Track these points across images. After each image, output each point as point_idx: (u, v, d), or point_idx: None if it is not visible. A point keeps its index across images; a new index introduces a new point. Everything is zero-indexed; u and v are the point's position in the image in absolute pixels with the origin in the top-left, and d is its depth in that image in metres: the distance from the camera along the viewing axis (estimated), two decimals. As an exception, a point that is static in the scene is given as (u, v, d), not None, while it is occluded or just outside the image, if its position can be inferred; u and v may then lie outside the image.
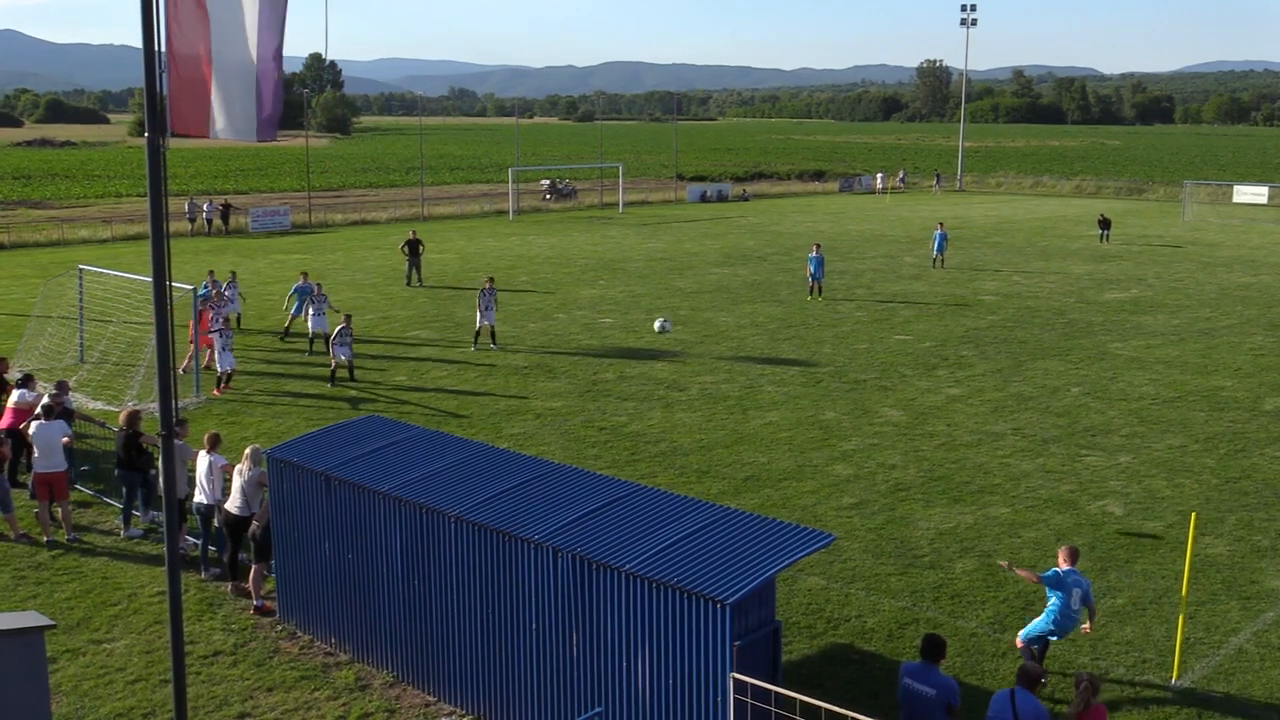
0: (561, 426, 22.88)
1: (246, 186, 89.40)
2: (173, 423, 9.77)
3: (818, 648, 13.67)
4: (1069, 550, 12.83)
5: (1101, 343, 31.20)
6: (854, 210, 74.15)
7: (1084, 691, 9.59)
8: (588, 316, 34.87)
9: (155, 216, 9.13)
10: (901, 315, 35.24)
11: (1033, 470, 20.18)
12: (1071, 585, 12.47)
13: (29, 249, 52.30)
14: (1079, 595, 12.51)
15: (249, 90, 9.29)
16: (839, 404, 24.59)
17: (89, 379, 26.09)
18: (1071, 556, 12.75)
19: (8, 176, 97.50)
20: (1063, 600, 12.45)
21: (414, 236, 42.27)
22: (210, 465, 15.76)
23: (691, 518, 11.32)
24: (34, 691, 9.75)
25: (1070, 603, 12.45)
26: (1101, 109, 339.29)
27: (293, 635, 13.97)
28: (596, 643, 10.91)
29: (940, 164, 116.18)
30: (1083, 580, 12.62)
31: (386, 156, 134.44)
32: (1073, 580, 12.51)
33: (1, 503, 17.01)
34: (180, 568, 10.08)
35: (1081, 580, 12.60)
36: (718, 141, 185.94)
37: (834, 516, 17.86)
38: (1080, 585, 12.55)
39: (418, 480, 12.64)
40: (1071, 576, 12.53)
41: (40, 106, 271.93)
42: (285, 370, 27.82)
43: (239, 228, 60.14)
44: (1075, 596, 12.48)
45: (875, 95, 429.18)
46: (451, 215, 68.95)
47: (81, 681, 12.80)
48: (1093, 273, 45.01)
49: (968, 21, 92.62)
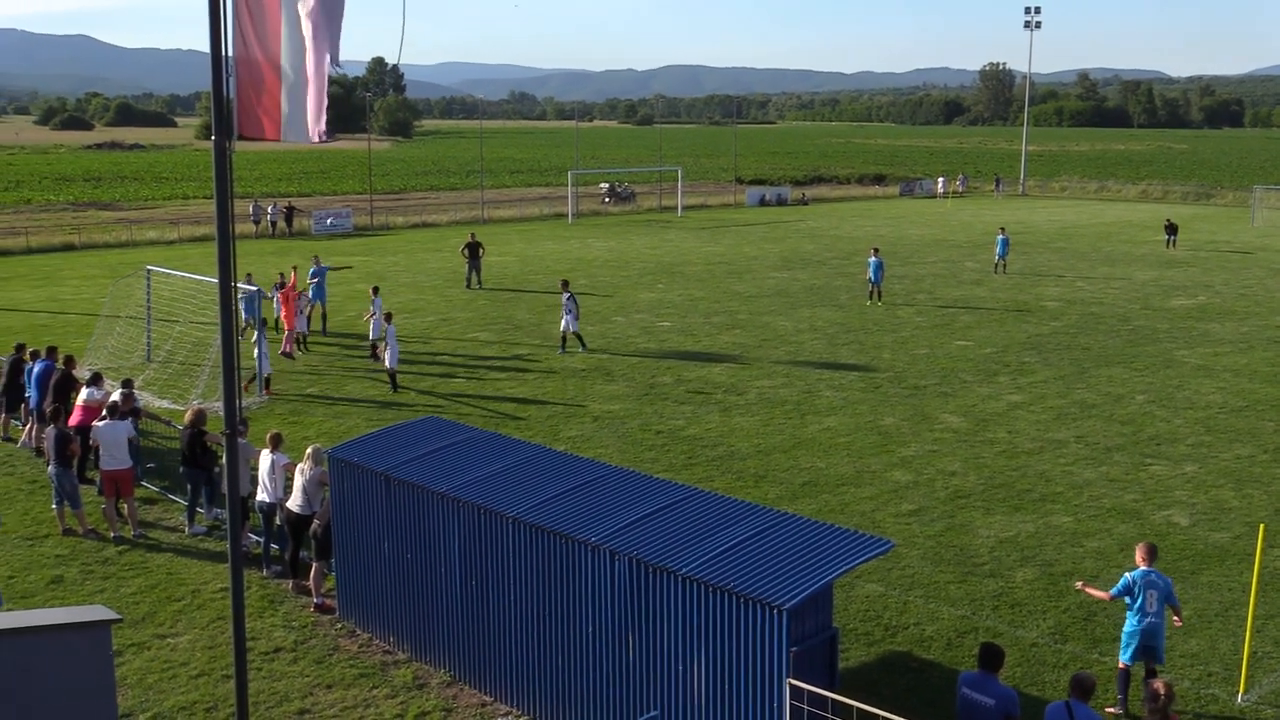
0: (619, 429, 22.91)
1: (310, 189, 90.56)
2: (236, 422, 9.91)
3: (875, 655, 13.57)
4: (1146, 548, 12.37)
5: (1167, 350, 30.69)
6: (914, 215, 73.56)
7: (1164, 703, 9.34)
8: (646, 320, 34.90)
9: (221, 218, 9.27)
10: (962, 321, 34.90)
11: (1096, 479, 19.89)
12: (1146, 588, 11.97)
13: (99, 250, 53.33)
14: (1156, 597, 11.97)
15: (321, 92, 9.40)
16: (898, 410, 24.40)
17: (155, 378, 26.53)
18: (1149, 555, 12.28)
19: (79, 179, 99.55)
20: (1139, 610, 11.98)
21: (473, 239, 42.60)
22: (273, 464, 15.97)
23: (749, 522, 11.29)
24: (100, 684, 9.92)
25: (1146, 607, 11.95)
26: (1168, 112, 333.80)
27: (352, 633, 14.10)
28: (652, 646, 10.91)
29: (1002, 168, 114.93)
30: (1159, 581, 12.09)
31: (447, 160, 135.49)
32: (1147, 582, 11.99)
33: (70, 498, 17.36)
34: (243, 565, 10.22)
35: (1158, 581, 12.07)
36: (777, 145, 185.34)
37: (893, 523, 17.72)
38: (1156, 586, 12.01)
39: (476, 481, 12.72)
40: (1148, 578, 12.03)
41: (110, 110, 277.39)
42: (346, 371, 28.11)
43: (302, 230, 60.90)
44: (1151, 599, 11.96)
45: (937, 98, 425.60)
46: (511, 218, 69.33)
47: (146, 675, 13.02)
48: (1159, 279, 44.30)
49: (1032, 24, 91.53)
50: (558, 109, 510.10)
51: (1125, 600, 12.20)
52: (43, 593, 15.20)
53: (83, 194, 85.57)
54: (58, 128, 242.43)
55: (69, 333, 32.05)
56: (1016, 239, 55.43)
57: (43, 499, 18.65)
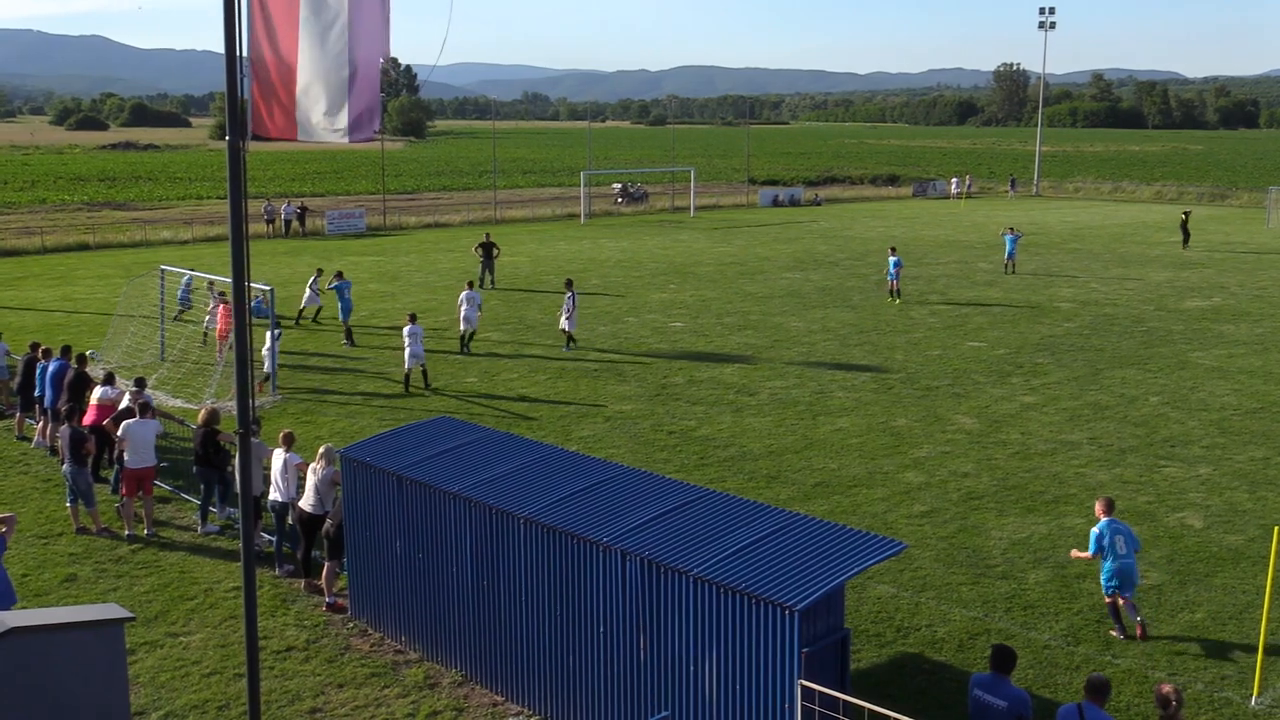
0: (631, 430, 22.91)
1: (323, 189, 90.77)
2: (249, 421, 9.94)
3: (887, 656, 13.54)
4: (1105, 502, 14.29)
5: (1181, 351, 30.57)
6: (927, 215, 73.42)
7: (1175, 708, 9.30)
8: (658, 320, 34.89)
9: (235, 218, 9.30)
10: (975, 321, 34.82)
11: (1109, 480, 19.82)
12: (1113, 535, 13.89)
13: (113, 250, 53.53)
14: (1123, 541, 13.91)
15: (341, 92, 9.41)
16: (911, 411, 24.35)
17: (169, 377, 26.62)
18: (1108, 507, 14.19)
19: (94, 179, 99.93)
20: (1112, 554, 13.84)
21: (488, 239, 42.71)
22: (285, 463, 16.01)
23: (760, 523, 11.28)
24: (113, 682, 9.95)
25: (1118, 551, 13.85)
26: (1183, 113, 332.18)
27: (364, 632, 14.13)
28: (664, 646, 10.91)
29: (1016, 169, 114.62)
30: (1121, 527, 14.03)
31: (460, 160, 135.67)
32: (1113, 530, 13.92)
33: (85, 497, 17.44)
34: (255, 564, 10.25)
35: (1120, 528, 14.03)
36: (790, 145, 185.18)
37: (905, 524, 17.69)
38: (1121, 532, 13.98)
39: (488, 481, 12.73)
40: (1112, 527, 13.97)
41: (125, 110, 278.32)
42: (359, 370, 28.17)
43: (315, 230, 61.04)
44: (1120, 543, 13.89)
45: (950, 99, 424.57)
46: (524, 218, 69.38)
47: (159, 673, 13.07)
48: (1173, 280, 44.13)
49: (1046, 24, 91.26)
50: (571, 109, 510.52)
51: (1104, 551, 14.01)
52: (56, 591, 15.27)
53: (97, 194, 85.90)
54: (73, 128, 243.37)
55: (83, 332, 32.18)
56: (1030, 239, 55.33)
57: (57, 497, 18.73)
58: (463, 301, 30.28)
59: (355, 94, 9.41)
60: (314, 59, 9.36)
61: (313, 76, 9.40)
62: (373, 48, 9.43)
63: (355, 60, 9.35)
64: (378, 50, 9.47)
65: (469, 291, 30.42)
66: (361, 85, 9.41)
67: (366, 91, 9.44)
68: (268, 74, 9.34)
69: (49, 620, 9.82)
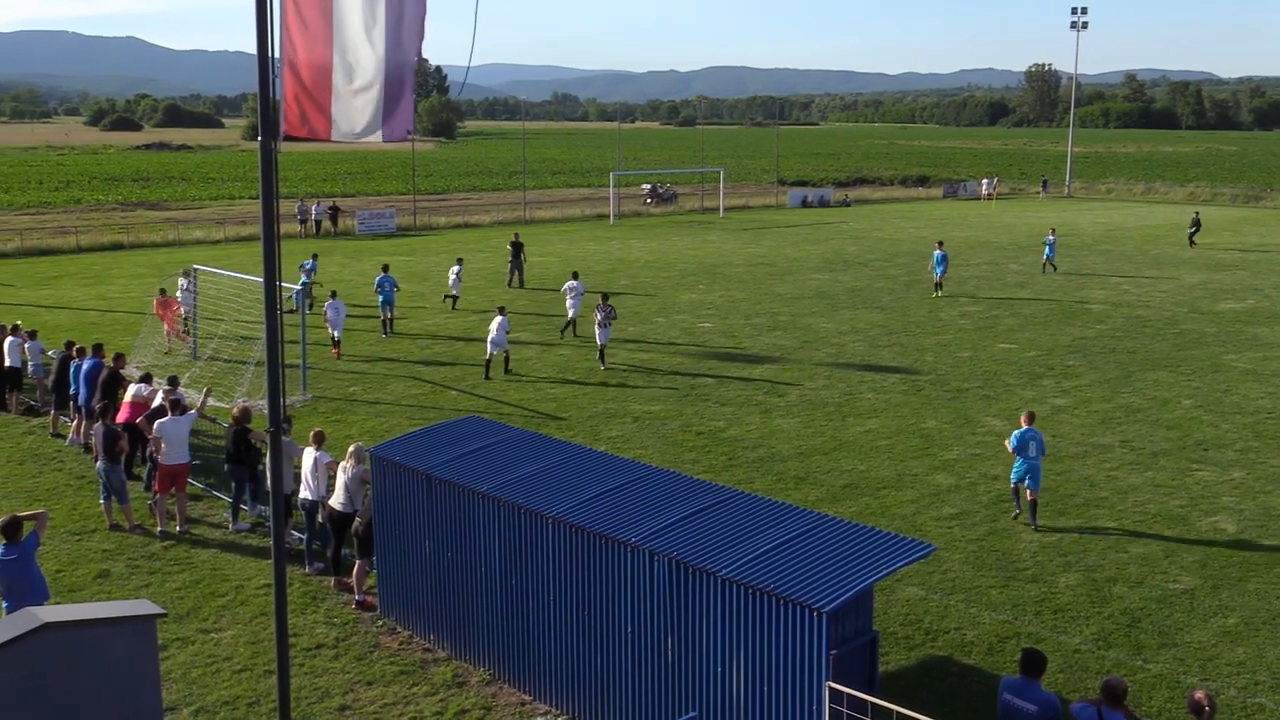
0: (659, 430, 22.91)
1: (353, 189, 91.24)
2: (280, 420, 10.00)
3: (915, 659, 13.49)
4: (1028, 415, 18.21)
5: (1215, 354, 30.29)
6: (958, 216, 73.05)
7: (1208, 714, 9.19)
8: (687, 321, 34.87)
9: (267, 218, 9.36)
10: (1006, 323, 34.62)
11: (1141, 484, 19.66)
12: (1029, 440, 17.60)
13: (146, 249, 54.00)
14: (1034, 447, 17.61)
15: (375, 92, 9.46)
16: (940, 412, 24.24)
17: (201, 375, 26.82)
18: (1030, 419, 18.07)
19: (127, 179, 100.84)
20: (1024, 455, 17.57)
21: (517, 239, 42.86)
22: (315, 462, 16.09)
23: (789, 524, 11.26)
24: (145, 677, 10.04)
25: (1029, 453, 17.57)
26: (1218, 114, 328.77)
27: (392, 631, 14.20)
28: (691, 647, 10.90)
29: (1048, 170, 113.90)
30: (1037, 435, 17.75)
31: (490, 160, 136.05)
32: (1030, 436, 17.64)
33: (118, 494, 17.59)
34: (285, 562, 10.31)
35: (1036, 435, 17.75)
36: (819, 146, 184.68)
37: (934, 526, 17.61)
38: (1036, 439, 17.68)
39: (516, 481, 12.76)
40: (1029, 433, 17.65)
41: (159, 111, 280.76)
42: (388, 370, 28.30)
43: (346, 229, 61.36)
44: (1032, 448, 17.58)
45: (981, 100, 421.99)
46: (553, 219, 69.50)
47: (190, 669, 13.17)
48: (1206, 282, 43.73)
49: (1078, 24, 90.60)
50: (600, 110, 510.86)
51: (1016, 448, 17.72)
52: (89, 587, 15.41)
53: (131, 194, 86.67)
54: (107, 128, 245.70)
55: (117, 330, 32.47)
56: (1062, 241, 54.92)
57: (90, 494, 18.92)
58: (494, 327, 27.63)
59: (389, 94, 9.45)
60: (348, 59, 9.41)
61: (346, 77, 9.45)
62: (407, 48, 9.47)
63: (389, 61, 9.40)
64: (412, 51, 9.51)
65: (501, 318, 27.64)
66: (395, 86, 9.46)
67: (401, 92, 9.48)
68: (300, 74, 9.40)
69: (82, 616, 9.92)
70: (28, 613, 9.75)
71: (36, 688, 9.33)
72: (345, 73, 9.42)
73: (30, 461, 21.15)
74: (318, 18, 9.29)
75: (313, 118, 9.45)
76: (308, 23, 9.30)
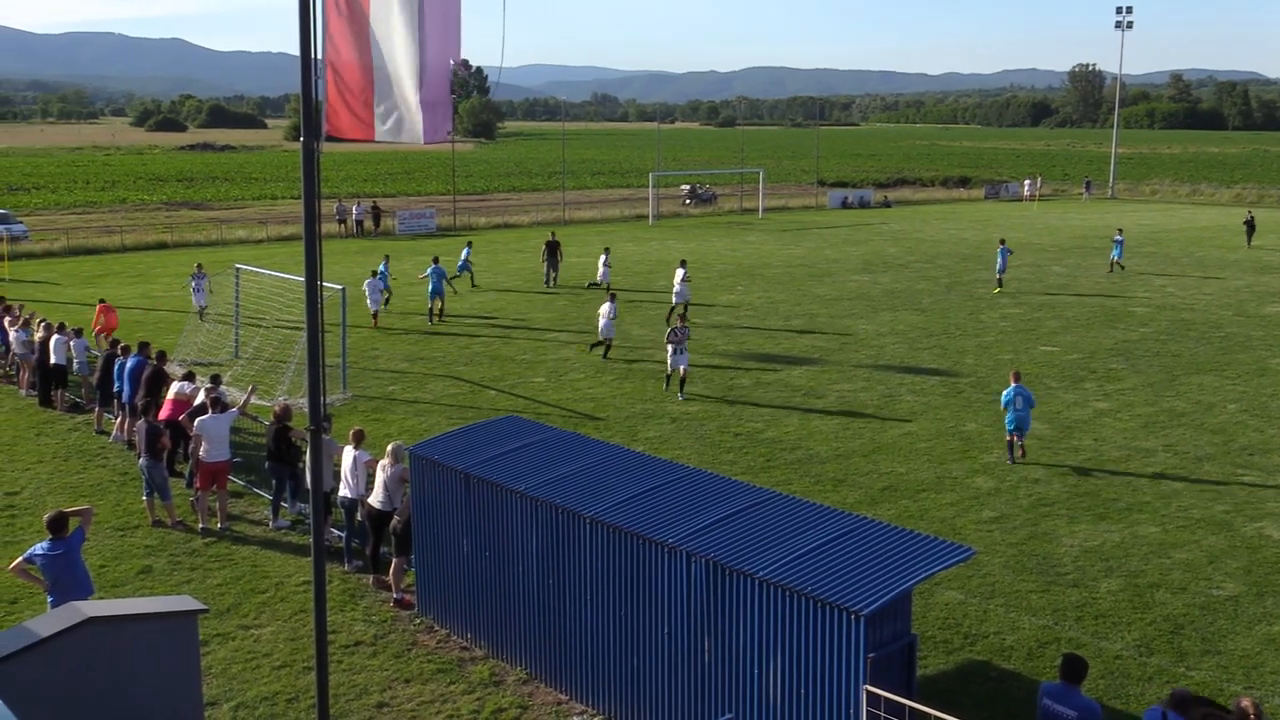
0: (697, 431, 22.89)
1: (394, 190, 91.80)
2: (321, 418, 10.07)
3: (954, 664, 13.39)
4: (1015, 374, 21.09)
5: (1261, 358, 29.89)
6: (1000, 218, 72.48)
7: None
8: (725, 321, 34.81)
9: (308, 218, 9.42)
10: (1048, 326, 34.32)
11: (1184, 489, 19.44)
12: (1016, 395, 20.42)
13: (190, 249, 54.56)
14: (1022, 401, 20.44)
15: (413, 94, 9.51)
16: (981, 415, 24.06)
17: (242, 374, 27.06)
18: (1017, 377, 20.96)
19: (172, 179, 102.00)
20: (1013, 409, 20.44)
21: (553, 238, 43.02)
22: (355, 460, 16.20)
23: (827, 526, 11.21)
24: (187, 672, 10.15)
25: (1017, 407, 20.42)
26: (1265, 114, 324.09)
27: (430, 629, 14.26)
28: (729, 648, 10.88)
29: (1091, 171, 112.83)
30: (1025, 391, 20.56)
31: (529, 161, 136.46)
32: (1017, 391, 20.47)
33: (160, 490, 17.78)
34: (325, 559, 10.38)
35: (1024, 391, 20.55)
36: (860, 147, 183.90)
37: (973, 530, 17.48)
38: (1023, 394, 20.49)
39: (554, 481, 12.79)
40: (1019, 390, 20.49)
41: (203, 112, 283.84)
42: (428, 370, 28.44)
43: (386, 229, 61.74)
44: (1019, 402, 20.40)
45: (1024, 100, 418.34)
46: (592, 219, 69.59)
47: (230, 665, 13.29)
48: (1252, 285, 43.16)
49: (1123, 24, 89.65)
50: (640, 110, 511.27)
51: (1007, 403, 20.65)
52: (132, 582, 15.59)
53: (175, 194, 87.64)
54: (152, 129, 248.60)
55: (160, 329, 32.82)
56: (1103, 243, 54.46)
57: (133, 491, 19.13)
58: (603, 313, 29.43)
59: (429, 96, 9.50)
60: (387, 61, 9.46)
61: (387, 78, 9.50)
62: (443, 49, 9.52)
63: (428, 62, 9.44)
64: (449, 52, 9.56)
65: (610, 304, 29.42)
66: (434, 88, 9.50)
67: (438, 93, 9.53)
68: (342, 75, 9.46)
69: (125, 611, 10.04)
70: (72, 607, 9.88)
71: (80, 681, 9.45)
72: (385, 74, 9.48)
73: (75, 458, 21.43)
74: (358, 19, 9.35)
75: (355, 118, 9.52)
76: (348, 24, 9.36)
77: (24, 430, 23.37)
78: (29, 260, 50.43)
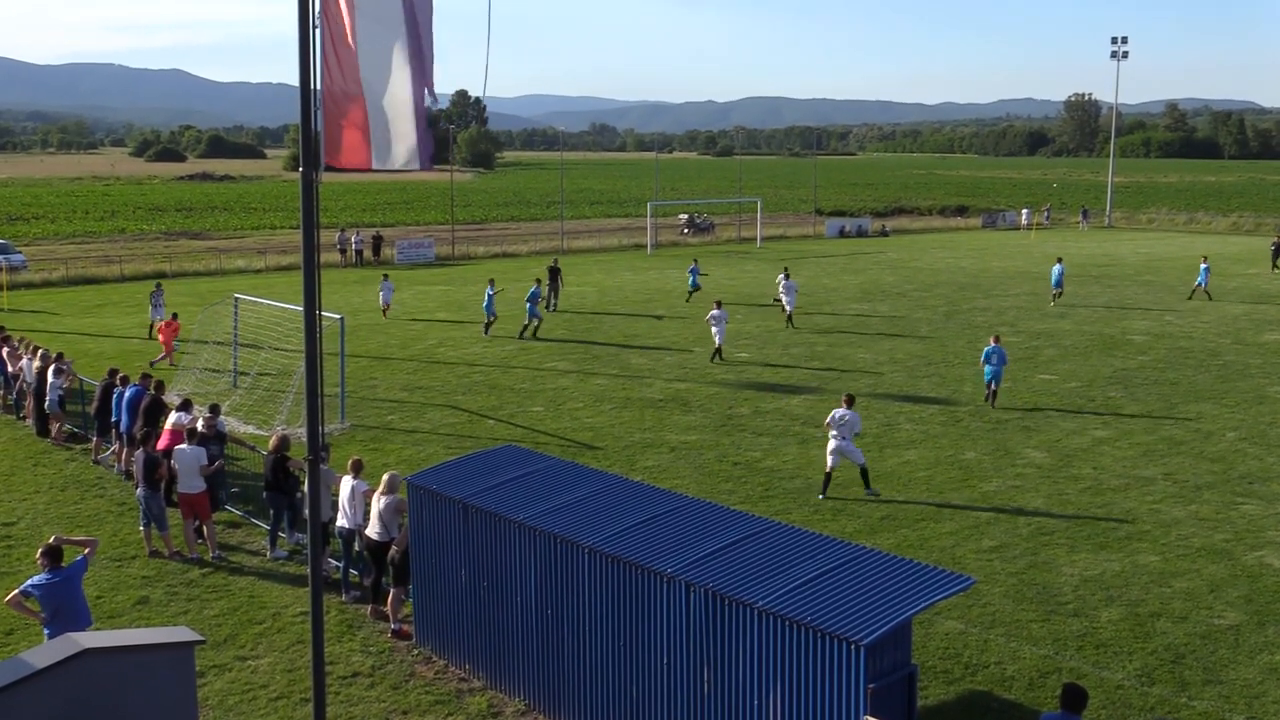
0: (695, 460, 22.86)
1: (393, 219, 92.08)
2: (319, 448, 10.06)
3: (954, 694, 13.33)
4: (995, 336, 27.48)
5: (1260, 386, 29.90)
6: (997, 246, 72.67)
7: None
8: (724, 350, 34.81)
9: (307, 248, 9.45)
10: (1046, 354, 34.35)
11: (1184, 517, 19.40)
12: (992, 354, 26.64)
13: (189, 278, 54.65)
14: (996, 359, 26.53)
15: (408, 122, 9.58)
16: (979, 444, 24.05)
17: (241, 403, 27.05)
18: (997, 339, 27.27)
19: (171, 209, 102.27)
20: (990, 366, 26.63)
21: (555, 264, 43.32)
22: (353, 490, 16.16)
23: (826, 556, 11.18)
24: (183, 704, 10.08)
25: (993, 362, 26.49)
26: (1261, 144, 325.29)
27: (428, 660, 14.20)
28: (728, 679, 10.83)
29: (1088, 199, 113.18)
30: (1000, 350, 26.76)
31: (528, 191, 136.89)
32: (993, 350, 26.69)
33: (157, 521, 17.73)
34: (323, 589, 10.34)
35: (999, 349, 26.76)
36: (857, 176, 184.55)
37: (973, 559, 17.43)
38: (998, 352, 26.67)
39: (552, 510, 12.76)
40: (995, 350, 26.74)
41: (202, 142, 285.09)
42: (426, 399, 28.43)
43: (386, 259, 61.84)
44: (994, 358, 26.48)
45: (1020, 129, 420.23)
46: (590, 249, 69.77)
47: (227, 696, 13.22)
48: (1250, 313, 43.23)
49: (1119, 54, 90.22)
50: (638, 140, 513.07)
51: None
52: (129, 613, 15.53)
53: (175, 223, 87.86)
54: (152, 159, 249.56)
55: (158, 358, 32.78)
56: (1103, 271, 54.64)
57: (131, 521, 19.08)
58: (711, 319, 33.28)
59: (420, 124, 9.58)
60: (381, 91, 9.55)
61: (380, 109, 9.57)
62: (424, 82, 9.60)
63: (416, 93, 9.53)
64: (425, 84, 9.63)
65: (717, 311, 33.26)
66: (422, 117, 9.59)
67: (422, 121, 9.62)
68: (340, 106, 9.52)
69: (122, 642, 9.99)
70: (68, 638, 9.83)
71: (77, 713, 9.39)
72: (379, 104, 9.55)
73: (72, 488, 21.38)
74: (351, 51, 9.43)
75: (351, 148, 9.56)
76: (343, 56, 9.43)
77: (21, 460, 23.34)
78: (28, 290, 50.54)
